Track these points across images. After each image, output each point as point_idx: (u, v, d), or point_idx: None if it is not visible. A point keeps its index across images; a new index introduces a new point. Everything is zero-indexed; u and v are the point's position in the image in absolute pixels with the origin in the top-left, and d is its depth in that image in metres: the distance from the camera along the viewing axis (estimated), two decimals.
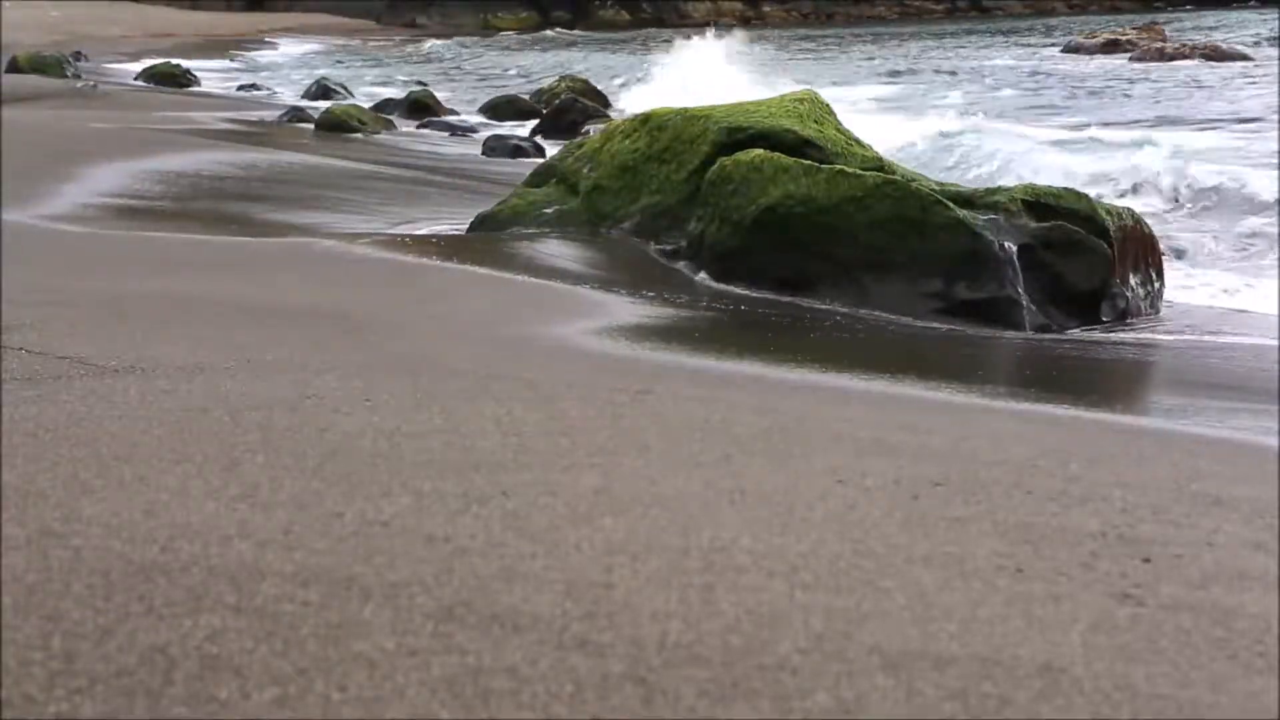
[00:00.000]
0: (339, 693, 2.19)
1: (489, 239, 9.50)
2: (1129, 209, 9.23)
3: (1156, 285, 8.94)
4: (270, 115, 21.58)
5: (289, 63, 41.87)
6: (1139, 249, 8.83)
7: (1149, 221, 9.39)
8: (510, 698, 2.20)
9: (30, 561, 2.68)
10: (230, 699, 2.16)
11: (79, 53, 35.27)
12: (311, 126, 19.88)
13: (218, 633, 2.39)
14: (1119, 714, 2.26)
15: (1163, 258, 9.13)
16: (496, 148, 17.94)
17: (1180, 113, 20.52)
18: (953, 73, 30.18)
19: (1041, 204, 8.83)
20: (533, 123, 22.07)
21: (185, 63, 33.81)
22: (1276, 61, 25.93)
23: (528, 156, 17.20)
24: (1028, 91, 24.51)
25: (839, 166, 9.01)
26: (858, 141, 10.04)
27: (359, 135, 19.17)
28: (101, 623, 2.41)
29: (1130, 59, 28.64)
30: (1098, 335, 8.00)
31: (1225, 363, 7.01)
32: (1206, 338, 7.92)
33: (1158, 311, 8.76)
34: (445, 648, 2.37)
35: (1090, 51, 32.73)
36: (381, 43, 49.60)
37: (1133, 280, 8.70)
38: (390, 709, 2.15)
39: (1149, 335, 7.97)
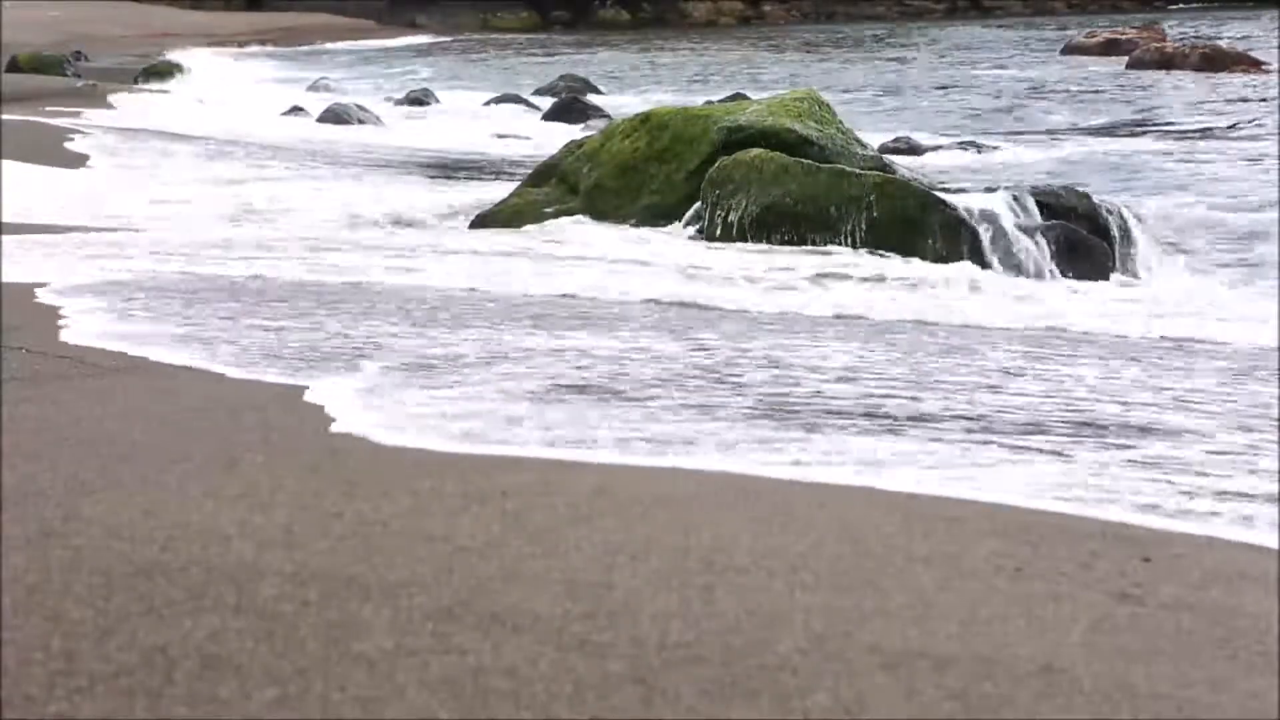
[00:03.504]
0: (339, 692, 2.19)
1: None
2: (1129, 207, 9.24)
3: None
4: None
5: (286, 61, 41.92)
6: None
7: None
8: (510, 698, 2.20)
9: (30, 561, 2.68)
10: (230, 699, 2.16)
11: (79, 52, 35.25)
12: (313, 119, 19.99)
13: (218, 633, 2.39)
14: (1119, 714, 2.26)
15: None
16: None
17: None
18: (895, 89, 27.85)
19: (1042, 203, 8.84)
20: None
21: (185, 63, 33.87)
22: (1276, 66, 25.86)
23: None
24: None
25: (839, 165, 9.02)
26: (858, 140, 10.06)
27: (367, 127, 19.26)
28: (101, 623, 2.41)
29: (1128, 65, 28.48)
30: None
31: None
32: None
33: None
34: (445, 647, 2.37)
35: (1090, 52, 32.69)
36: (382, 42, 49.70)
37: None
38: (390, 709, 2.15)
39: None
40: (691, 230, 9.07)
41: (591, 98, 23.59)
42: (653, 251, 8.55)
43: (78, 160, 13.26)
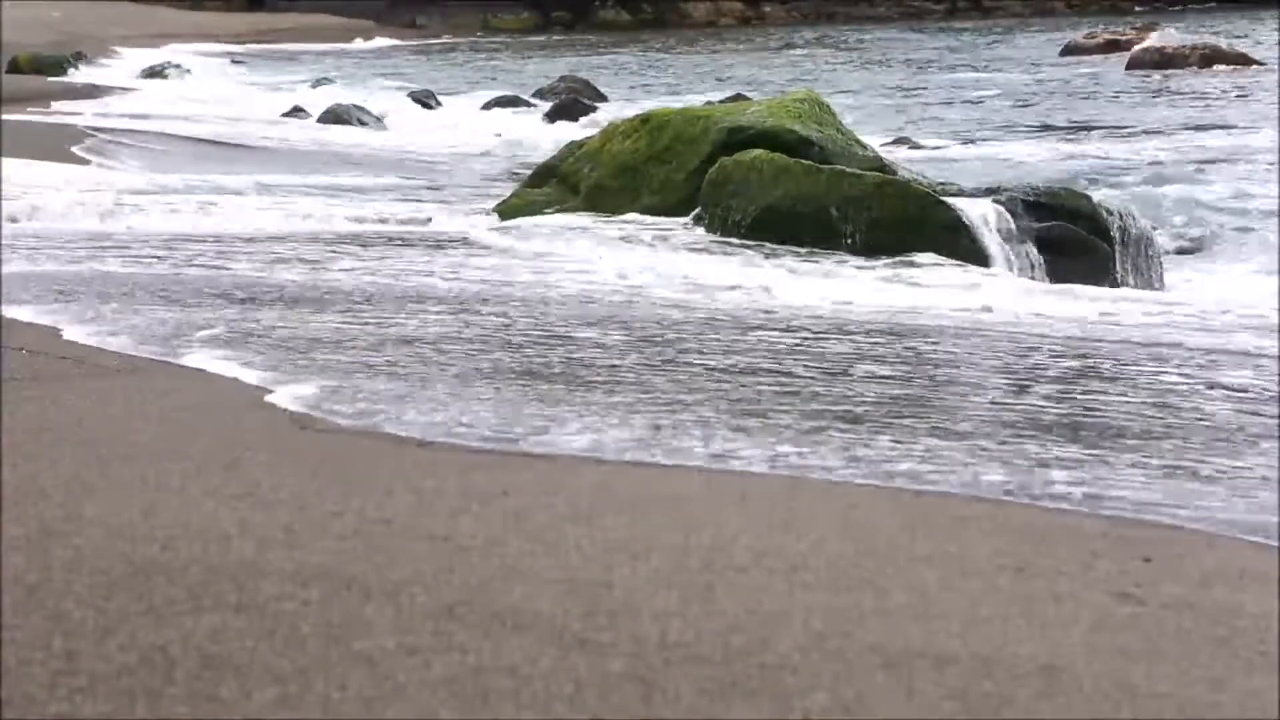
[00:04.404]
0: (339, 691, 2.19)
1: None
2: (1130, 208, 9.23)
3: None
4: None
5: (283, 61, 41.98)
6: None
7: None
8: (510, 697, 2.20)
9: (31, 561, 2.68)
10: (231, 698, 2.16)
11: (79, 53, 35.25)
12: (313, 120, 20.03)
13: (218, 632, 2.39)
14: (1119, 714, 2.26)
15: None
16: None
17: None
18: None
19: (1042, 204, 8.84)
20: None
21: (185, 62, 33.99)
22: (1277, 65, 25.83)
23: None
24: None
25: (839, 166, 9.02)
26: (858, 141, 10.06)
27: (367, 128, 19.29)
28: (102, 622, 2.41)
29: (1128, 65, 28.43)
30: None
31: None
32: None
33: None
34: (446, 647, 2.37)
35: (1090, 52, 32.70)
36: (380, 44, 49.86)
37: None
38: (391, 708, 2.15)
39: None
40: (694, 229, 9.07)
41: (591, 99, 23.61)
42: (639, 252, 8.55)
43: (71, 159, 13.25)
